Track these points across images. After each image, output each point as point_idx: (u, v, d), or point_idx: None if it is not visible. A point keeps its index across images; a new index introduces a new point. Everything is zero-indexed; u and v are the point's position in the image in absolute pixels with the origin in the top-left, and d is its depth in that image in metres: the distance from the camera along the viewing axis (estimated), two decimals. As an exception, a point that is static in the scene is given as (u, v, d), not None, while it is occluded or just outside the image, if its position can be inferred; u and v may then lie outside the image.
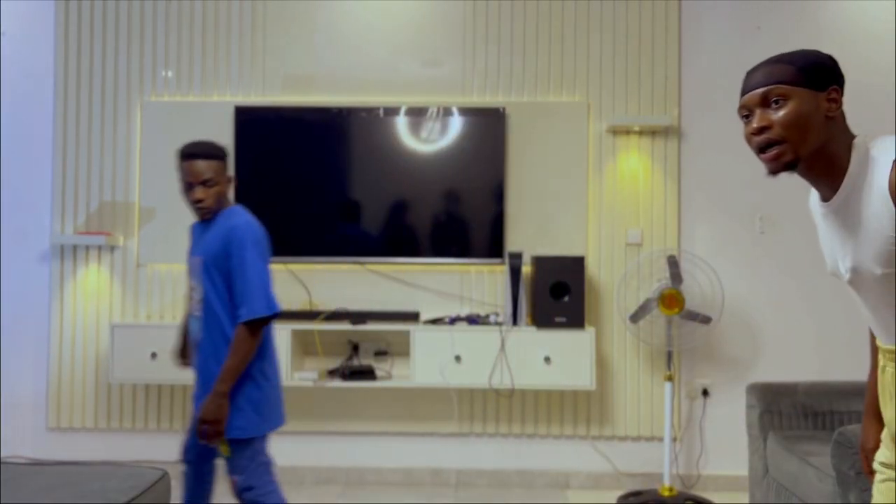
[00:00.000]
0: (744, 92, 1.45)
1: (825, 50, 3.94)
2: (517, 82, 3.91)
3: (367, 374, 3.67)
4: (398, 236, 3.83)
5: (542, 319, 3.57)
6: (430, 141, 3.81)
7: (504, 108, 3.83)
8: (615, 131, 3.87)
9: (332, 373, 3.74)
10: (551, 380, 3.55)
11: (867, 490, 2.14)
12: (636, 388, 3.84)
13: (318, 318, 3.76)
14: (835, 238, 1.47)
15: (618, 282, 3.82)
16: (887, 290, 1.41)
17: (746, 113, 1.44)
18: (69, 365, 3.91)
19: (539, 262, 3.60)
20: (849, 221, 1.41)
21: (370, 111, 3.81)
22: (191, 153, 2.41)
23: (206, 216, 2.45)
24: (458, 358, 3.56)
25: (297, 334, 3.69)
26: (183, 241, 3.89)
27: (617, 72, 3.89)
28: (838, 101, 1.41)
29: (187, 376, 3.61)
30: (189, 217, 3.89)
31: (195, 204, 2.42)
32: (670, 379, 3.64)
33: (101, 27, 3.96)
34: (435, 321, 3.74)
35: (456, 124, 3.80)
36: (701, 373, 3.86)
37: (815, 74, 1.40)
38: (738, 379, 3.83)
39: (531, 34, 3.91)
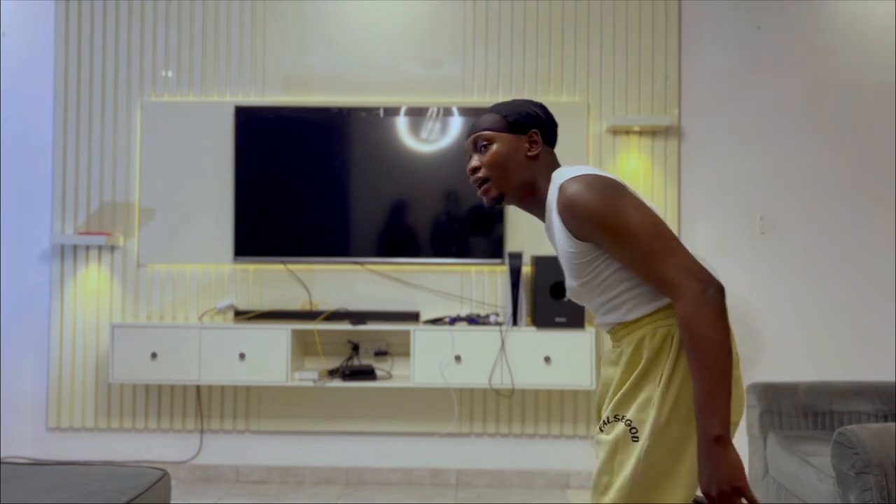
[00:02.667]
0: (466, 138, 1.68)
1: (826, 51, 3.95)
2: (517, 82, 3.91)
3: (367, 374, 3.67)
4: (398, 236, 3.83)
5: (542, 319, 3.57)
6: (430, 141, 3.81)
7: (504, 108, 3.82)
8: (615, 131, 3.87)
9: (332, 373, 3.74)
10: (551, 380, 3.55)
11: (867, 490, 2.14)
12: (636, 388, 3.84)
13: (318, 318, 3.76)
14: (559, 258, 1.66)
15: (618, 282, 3.81)
16: (591, 296, 1.59)
17: (468, 156, 1.68)
18: (69, 365, 3.91)
19: (539, 262, 3.60)
20: (554, 243, 1.61)
21: (370, 111, 3.81)
22: None
23: None
24: (458, 358, 3.56)
25: (297, 334, 3.69)
26: (182, 242, 3.89)
27: (617, 72, 3.89)
28: (538, 143, 1.63)
29: (187, 376, 3.61)
30: (185, 217, 3.89)
31: None
32: (670, 379, 3.64)
33: (101, 27, 3.96)
34: (435, 321, 3.74)
35: (456, 124, 3.80)
36: (701, 373, 3.85)
37: (517, 121, 1.62)
38: (738, 379, 3.83)
39: (531, 34, 3.91)
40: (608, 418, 1.54)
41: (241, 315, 3.83)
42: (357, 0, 3.94)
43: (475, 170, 1.64)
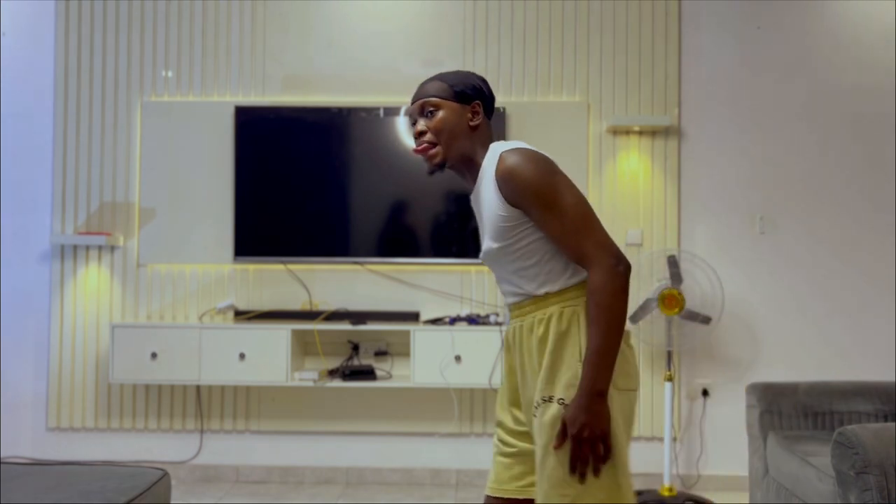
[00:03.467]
0: (411, 102, 1.76)
1: (826, 51, 3.94)
2: (517, 82, 3.91)
3: (367, 374, 3.67)
4: (398, 236, 3.83)
5: (542, 319, 3.56)
6: (430, 141, 3.80)
7: (504, 108, 3.83)
8: (615, 131, 3.87)
9: (332, 373, 3.74)
10: (551, 380, 3.55)
11: (867, 490, 2.14)
12: (636, 388, 3.84)
13: (318, 318, 3.76)
14: (479, 224, 1.77)
15: (618, 282, 3.81)
16: (504, 262, 1.68)
17: (413, 120, 1.76)
18: (69, 365, 3.91)
19: (539, 262, 3.59)
20: (480, 208, 1.72)
21: (370, 111, 3.81)
22: None
23: None
24: (458, 358, 3.56)
25: (297, 334, 3.69)
26: (182, 242, 3.89)
27: (617, 72, 3.89)
28: (479, 114, 1.73)
29: (187, 376, 3.61)
30: (185, 217, 3.89)
31: None
32: (670, 379, 3.64)
33: (101, 27, 3.96)
34: (435, 321, 3.74)
35: (456, 124, 3.80)
36: (701, 373, 3.85)
37: (462, 91, 1.72)
38: (738, 379, 3.83)
39: (531, 34, 3.91)
40: (538, 402, 1.62)
41: (241, 315, 3.83)
42: (357, 0, 3.94)
43: (422, 133, 1.72)
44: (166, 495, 2.19)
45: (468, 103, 1.72)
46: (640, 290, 3.81)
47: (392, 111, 3.80)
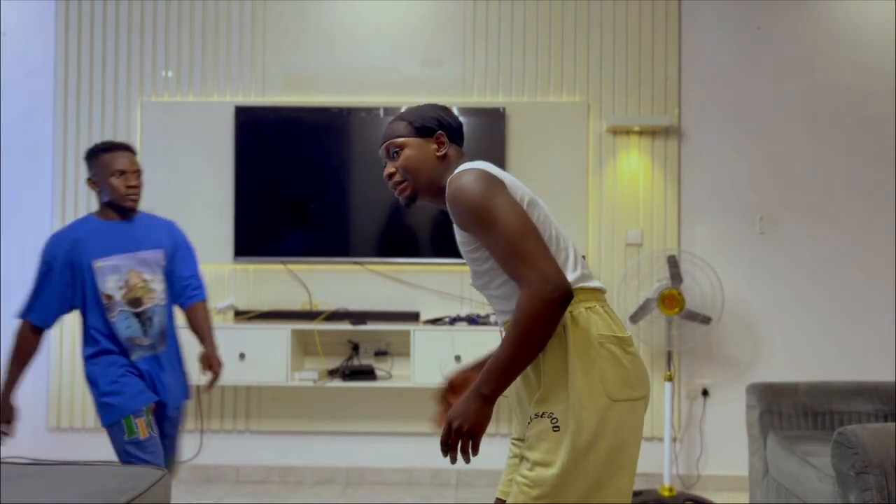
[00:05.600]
0: (379, 145, 1.81)
1: (826, 51, 3.94)
2: (517, 82, 3.91)
3: (367, 374, 3.67)
4: (398, 236, 3.83)
5: (542, 319, 3.56)
6: (430, 141, 3.80)
7: (504, 108, 3.83)
8: (615, 131, 3.87)
9: (332, 373, 3.74)
10: (551, 380, 3.55)
11: (867, 490, 2.14)
12: (636, 388, 3.83)
13: (318, 318, 3.76)
14: None
15: (618, 282, 3.82)
16: (482, 283, 1.69)
17: (383, 163, 1.80)
18: (69, 365, 3.91)
19: (539, 262, 3.59)
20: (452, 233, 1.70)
21: (370, 111, 3.81)
22: (124, 146, 2.57)
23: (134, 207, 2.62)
24: (458, 358, 3.56)
25: (297, 334, 3.69)
26: (183, 241, 3.88)
27: (617, 72, 3.89)
28: (444, 143, 1.75)
29: (187, 376, 3.60)
30: (185, 217, 3.89)
31: (134, 191, 2.57)
32: (670, 379, 3.64)
33: (101, 27, 3.96)
34: (435, 321, 3.74)
35: (456, 124, 3.80)
36: (701, 373, 3.85)
37: (423, 125, 1.74)
38: (738, 379, 3.83)
39: (531, 34, 3.91)
40: (531, 417, 1.61)
41: (241, 315, 3.83)
42: (357, 0, 3.94)
43: (391, 175, 1.76)
44: (166, 495, 2.19)
45: (431, 135, 1.74)
46: (640, 290, 3.81)
47: (392, 111, 3.80)
